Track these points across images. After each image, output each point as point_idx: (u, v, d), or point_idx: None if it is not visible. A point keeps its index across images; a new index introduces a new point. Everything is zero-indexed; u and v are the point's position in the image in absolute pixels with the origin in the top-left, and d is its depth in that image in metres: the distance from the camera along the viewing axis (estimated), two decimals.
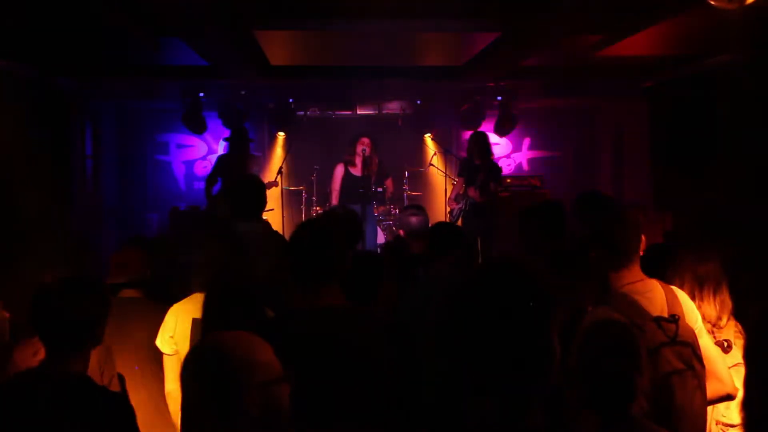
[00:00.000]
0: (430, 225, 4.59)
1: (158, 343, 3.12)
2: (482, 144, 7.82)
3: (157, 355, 3.15)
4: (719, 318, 3.06)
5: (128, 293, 3.53)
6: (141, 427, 2.27)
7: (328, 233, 2.43)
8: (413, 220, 4.55)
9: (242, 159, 7.66)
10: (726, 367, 2.73)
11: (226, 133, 8.91)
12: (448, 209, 8.11)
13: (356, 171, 7.58)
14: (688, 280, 3.12)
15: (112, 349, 2.95)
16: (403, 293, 3.45)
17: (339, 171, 7.65)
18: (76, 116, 7.49)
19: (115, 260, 3.60)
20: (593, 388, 2.12)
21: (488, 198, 7.62)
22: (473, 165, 7.78)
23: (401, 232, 4.71)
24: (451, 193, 8.23)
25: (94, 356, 2.46)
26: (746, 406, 1.75)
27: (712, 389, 2.53)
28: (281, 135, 9.94)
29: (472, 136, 8.12)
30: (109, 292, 2.48)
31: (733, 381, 2.68)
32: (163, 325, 3.15)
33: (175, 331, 3.10)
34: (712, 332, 3.02)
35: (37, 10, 4.78)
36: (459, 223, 7.68)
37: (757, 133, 5.79)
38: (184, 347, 3.06)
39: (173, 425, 3.11)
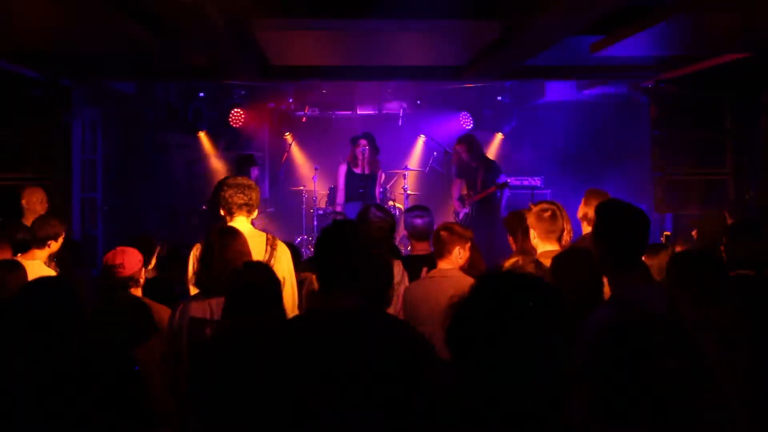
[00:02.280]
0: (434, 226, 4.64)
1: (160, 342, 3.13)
2: (473, 145, 7.90)
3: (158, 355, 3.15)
4: None
5: (126, 293, 3.52)
6: None
7: (349, 236, 2.42)
8: (418, 221, 4.58)
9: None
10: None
11: (226, 132, 8.96)
12: (454, 211, 8.15)
13: (358, 170, 7.67)
14: None
15: None
16: None
17: (342, 169, 7.77)
18: (77, 116, 7.48)
19: (111, 261, 3.58)
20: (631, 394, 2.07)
21: (492, 196, 7.71)
22: (470, 167, 7.81)
23: (405, 233, 4.75)
24: (454, 195, 8.27)
25: None
26: None
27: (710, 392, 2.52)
28: (288, 136, 9.86)
29: (461, 139, 8.17)
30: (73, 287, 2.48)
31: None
32: (167, 324, 3.16)
33: (176, 329, 3.11)
34: None
35: (37, 10, 4.77)
36: None
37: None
38: (182, 346, 3.07)
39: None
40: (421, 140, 10.05)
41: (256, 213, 3.76)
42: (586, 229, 4.62)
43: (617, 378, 2.02)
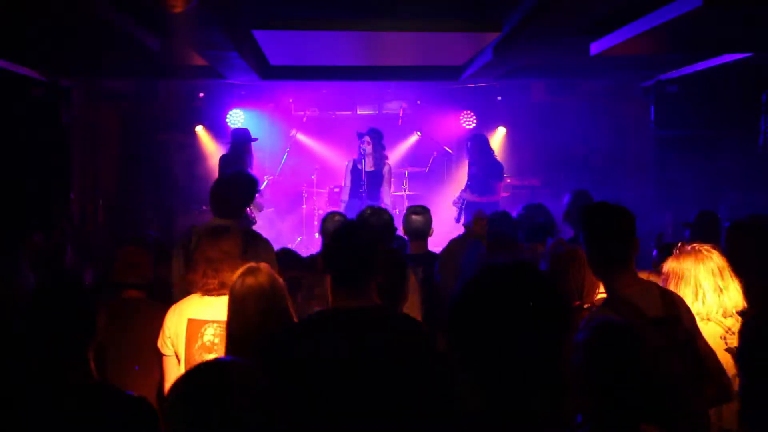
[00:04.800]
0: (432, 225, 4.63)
1: (159, 344, 3.13)
2: (481, 146, 7.92)
3: (158, 356, 3.15)
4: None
5: (133, 293, 3.51)
6: None
7: (362, 235, 2.46)
8: (415, 219, 4.55)
9: (241, 159, 7.59)
10: (723, 370, 2.72)
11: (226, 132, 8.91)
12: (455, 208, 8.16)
13: (362, 166, 7.69)
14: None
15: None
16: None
17: (348, 166, 7.79)
18: (78, 116, 7.50)
19: (124, 259, 3.53)
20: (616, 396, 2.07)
21: (489, 197, 7.68)
22: (472, 166, 7.89)
23: (402, 230, 4.71)
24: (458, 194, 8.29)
25: None
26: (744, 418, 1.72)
27: (709, 393, 2.52)
28: (294, 132, 9.83)
29: (470, 138, 8.18)
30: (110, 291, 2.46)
31: (731, 384, 2.67)
32: (163, 326, 3.15)
33: (173, 332, 3.10)
34: (725, 338, 3.00)
35: (37, 10, 4.77)
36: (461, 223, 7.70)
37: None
38: (181, 348, 3.07)
39: None
40: (415, 137, 9.98)
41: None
42: None
43: (614, 378, 2.03)
